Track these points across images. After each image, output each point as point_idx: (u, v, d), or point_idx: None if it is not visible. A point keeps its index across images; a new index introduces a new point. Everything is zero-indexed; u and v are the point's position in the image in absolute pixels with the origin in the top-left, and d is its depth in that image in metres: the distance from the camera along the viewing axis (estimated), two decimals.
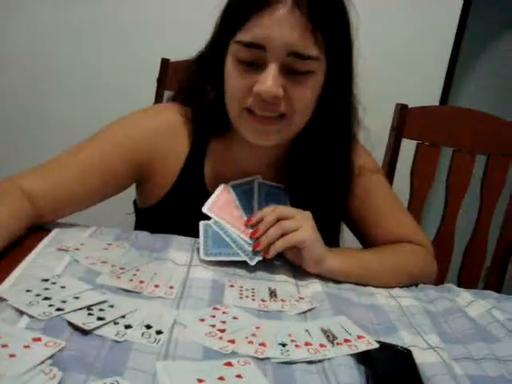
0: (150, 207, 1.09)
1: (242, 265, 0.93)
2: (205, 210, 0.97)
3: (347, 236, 1.20)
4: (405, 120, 1.50)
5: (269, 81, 0.86)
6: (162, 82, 1.54)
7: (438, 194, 1.62)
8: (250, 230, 0.95)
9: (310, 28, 0.85)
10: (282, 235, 0.91)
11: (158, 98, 1.54)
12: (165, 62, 1.53)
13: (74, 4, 2.12)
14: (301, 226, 0.91)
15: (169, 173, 1.05)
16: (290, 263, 0.96)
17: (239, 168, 1.07)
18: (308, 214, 0.94)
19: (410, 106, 1.51)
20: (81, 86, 2.22)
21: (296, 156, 1.06)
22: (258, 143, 0.96)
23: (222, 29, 0.96)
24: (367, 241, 1.15)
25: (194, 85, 1.04)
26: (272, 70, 0.86)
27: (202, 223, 0.95)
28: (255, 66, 0.88)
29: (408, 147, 1.55)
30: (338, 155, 1.04)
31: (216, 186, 1.02)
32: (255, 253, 0.92)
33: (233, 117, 0.97)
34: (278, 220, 0.92)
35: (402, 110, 1.50)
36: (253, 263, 0.91)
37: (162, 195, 1.06)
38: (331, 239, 1.11)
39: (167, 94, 1.53)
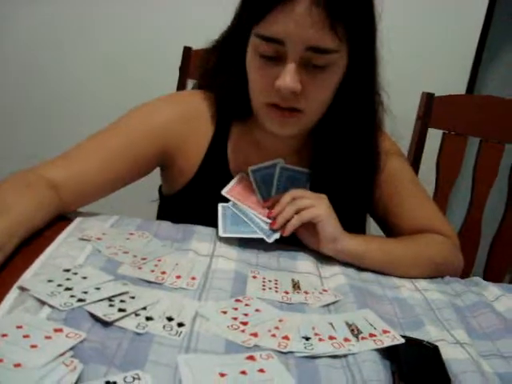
0: (174, 194, 1.09)
1: (265, 255, 0.92)
2: (224, 192, 1.00)
3: (373, 230, 1.19)
4: (431, 109, 1.48)
5: (288, 77, 0.87)
6: (184, 71, 1.53)
7: (465, 184, 1.59)
8: (267, 211, 0.98)
9: (328, 22, 0.85)
10: (298, 213, 0.94)
11: (181, 87, 1.53)
12: (187, 51, 1.52)
13: None
14: (315, 204, 0.94)
15: (193, 158, 1.06)
16: (313, 255, 0.95)
17: (262, 152, 1.07)
18: (323, 195, 0.97)
19: (436, 95, 1.48)
20: (100, 75, 2.22)
21: (320, 141, 1.06)
22: (279, 133, 0.98)
23: (242, 17, 0.96)
24: (390, 229, 1.13)
25: (215, 71, 1.05)
26: (291, 66, 0.87)
27: (220, 205, 0.99)
28: (275, 59, 0.89)
29: (434, 137, 1.52)
30: (362, 141, 1.04)
31: (240, 170, 1.05)
32: (273, 231, 0.95)
33: (255, 107, 0.98)
34: (294, 200, 0.95)
35: (428, 99, 1.47)
36: (270, 240, 0.94)
37: (187, 181, 1.06)
38: (357, 230, 1.10)
39: (190, 82, 1.52)
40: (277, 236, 0.94)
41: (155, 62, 2.16)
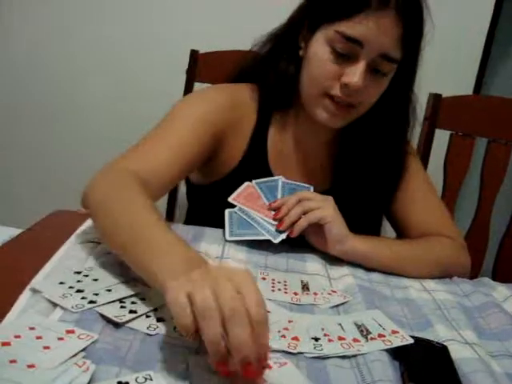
0: (212, 183, 1.11)
1: (273, 257, 0.92)
2: (230, 199, 1.01)
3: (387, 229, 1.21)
4: (438, 110, 1.48)
5: (357, 75, 0.94)
6: (191, 74, 1.53)
7: (473, 184, 1.59)
8: (273, 213, 0.99)
9: (402, 35, 0.94)
10: (304, 214, 0.95)
11: (188, 90, 1.53)
12: (194, 54, 1.52)
13: None
14: (322, 205, 0.95)
15: (236, 148, 1.09)
16: (321, 256, 0.96)
17: (299, 145, 1.13)
18: (329, 197, 0.98)
19: (443, 96, 1.48)
20: (106, 78, 2.23)
21: (347, 137, 1.11)
22: (327, 124, 1.02)
23: (315, 8, 1.00)
24: (400, 228, 1.15)
25: (264, 62, 1.09)
26: (362, 67, 0.94)
27: (227, 211, 1.00)
28: (346, 57, 0.95)
29: (442, 137, 1.52)
30: (391, 141, 1.09)
31: (278, 164, 1.10)
32: (279, 232, 0.96)
33: (308, 96, 1.02)
34: (300, 201, 0.96)
35: (435, 100, 1.47)
36: (277, 241, 0.95)
37: (228, 171, 1.09)
38: (372, 229, 1.14)
39: (197, 85, 1.53)
40: (283, 236, 0.95)
41: (162, 64, 2.17)
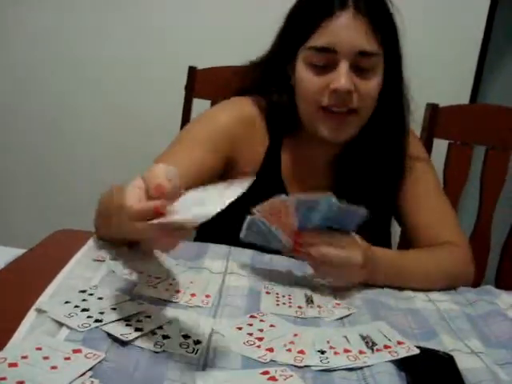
0: None
1: (277, 271, 0.92)
2: (255, 210, 0.89)
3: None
4: (436, 120, 1.48)
5: (342, 78, 0.97)
6: (190, 90, 1.55)
7: (473, 193, 1.59)
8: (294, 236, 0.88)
9: (370, 28, 0.98)
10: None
11: (187, 106, 1.55)
12: (192, 70, 1.53)
13: (98, 11, 2.15)
14: (350, 255, 0.87)
15: (250, 165, 1.10)
16: None
17: (309, 164, 1.15)
18: (363, 245, 0.89)
19: (440, 105, 1.49)
20: (105, 94, 2.24)
21: (351, 148, 1.12)
22: (332, 139, 1.04)
23: (288, 37, 1.06)
24: (408, 233, 1.16)
25: (259, 90, 1.12)
26: (344, 69, 0.97)
27: (249, 217, 0.89)
28: (326, 67, 0.99)
29: (440, 147, 1.53)
30: (390, 144, 1.11)
31: (290, 179, 1.13)
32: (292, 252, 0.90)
33: (308, 116, 1.05)
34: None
35: (432, 110, 1.48)
36: (285, 252, 0.92)
37: None
38: (382, 235, 1.18)
39: (196, 101, 1.54)
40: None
41: (161, 80, 2.18)
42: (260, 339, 0.68)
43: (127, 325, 0.66)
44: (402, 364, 0.67)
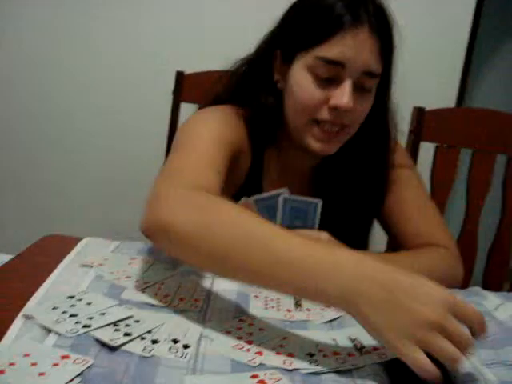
0: None
1: None
2: None
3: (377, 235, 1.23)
4: (422, 123, 1.49)
5: (346, 96, 0.93)
6: (177, 95, 1.55)
7: (459, 196, 1.60)
8: None
9: (379, 48, 0.95)
10: None
11: (175, 110, 1.55)
12: (180, 75, 1.54)
13: (87, 15, 2.14)
14: None
15: (238, 175, 1.05)
16: None
17: (290, 173, 1.12)
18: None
19: (426, 109, 1.50)
20: (93, 98, 2.24)
21: (334, 160, 1.10)
22: (320, 152, 1.01)
23: (285, 40, 1.00)
24: (393, 236, 1.16)
25: (242, 94, 1.07)
26: (348, 87, 0.94)
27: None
28: (329, 81, 0.95)
29: (427, 150, 1.54)
30: (374, 156, 1.10)
31: (270, 187, 1.07)
32: None
33: (297, 126, 1.01)
34: None
35: (419, 114, 1.49)
36: None
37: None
38: (360, 238, 1.16)
39: (183, 106, 1.54)
40: None
41: (148, 85, 2.18)
42: (249, 343, 0.68)
43: (116, 330, 0.66)
44: (390, 366, 0.67)
